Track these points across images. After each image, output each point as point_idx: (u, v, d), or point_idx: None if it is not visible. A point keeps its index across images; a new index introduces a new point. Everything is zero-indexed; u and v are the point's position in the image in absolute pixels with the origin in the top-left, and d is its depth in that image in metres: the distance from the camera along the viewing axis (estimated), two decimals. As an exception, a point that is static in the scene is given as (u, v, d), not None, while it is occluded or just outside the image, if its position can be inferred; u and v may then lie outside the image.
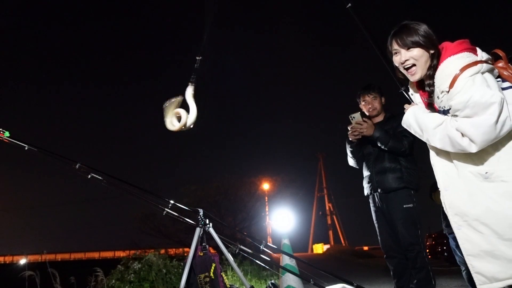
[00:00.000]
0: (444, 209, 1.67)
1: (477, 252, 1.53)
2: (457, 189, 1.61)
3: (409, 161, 2.88)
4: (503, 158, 1.51)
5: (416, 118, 1.69)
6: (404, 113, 1.79)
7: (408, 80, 1.77)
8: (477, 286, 1.55)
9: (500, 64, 1.61)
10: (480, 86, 1.46)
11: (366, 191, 3.04)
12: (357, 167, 3.15)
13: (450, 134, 1.54)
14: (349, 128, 2.90)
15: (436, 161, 1.72)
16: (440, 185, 1.71)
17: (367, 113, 3.05)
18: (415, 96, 1.80)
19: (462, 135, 1.51)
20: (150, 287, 4.92)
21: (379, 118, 3.05)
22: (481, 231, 1.51)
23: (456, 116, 1.54)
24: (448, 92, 1.54)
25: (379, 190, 2.90)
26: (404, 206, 2.80)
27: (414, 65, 1.63)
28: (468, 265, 1.57)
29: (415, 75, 1.65)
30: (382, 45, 1.95)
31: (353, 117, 2.86)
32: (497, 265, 1.47)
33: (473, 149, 1.49)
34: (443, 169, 1.68)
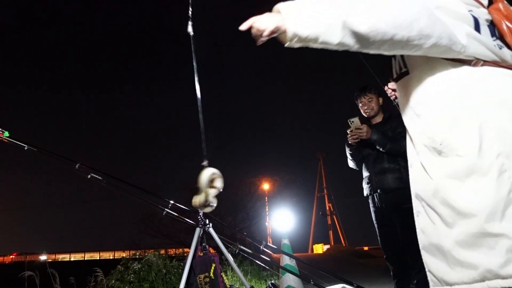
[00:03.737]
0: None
1: (428, 245, 1.22)
2: (417, 167, 1.27)
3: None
4: (456, 126, 1.14)
5: None
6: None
7: None
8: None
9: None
10: None
11: (366, 191, 3.04)
12: (357, 169, 3.16)
13: None
14: (348, 132, 2.92)
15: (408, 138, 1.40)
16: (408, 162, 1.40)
17: (365, 115, 3.06)
18: None
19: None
20: (150, 287, 4.92)
21: (378, 119, 3.06)
22: (432, 219, 1.19)
23: None
24: None
25: (378, 191, 2.90)
26: (404, 206, 2.79)
27: None
28: (423, 261, 1.27)
29: None
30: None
31: (352, 122, 2.87)
32: (445, 264, 1.15)
33: (355, 23, 1.06)
34: (409, 144, 1.35)
